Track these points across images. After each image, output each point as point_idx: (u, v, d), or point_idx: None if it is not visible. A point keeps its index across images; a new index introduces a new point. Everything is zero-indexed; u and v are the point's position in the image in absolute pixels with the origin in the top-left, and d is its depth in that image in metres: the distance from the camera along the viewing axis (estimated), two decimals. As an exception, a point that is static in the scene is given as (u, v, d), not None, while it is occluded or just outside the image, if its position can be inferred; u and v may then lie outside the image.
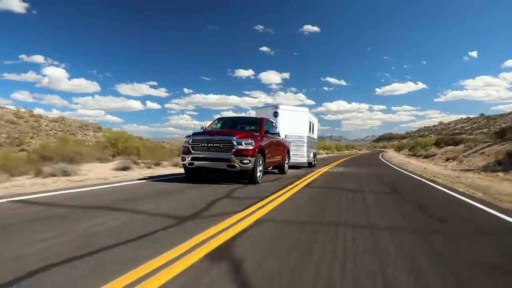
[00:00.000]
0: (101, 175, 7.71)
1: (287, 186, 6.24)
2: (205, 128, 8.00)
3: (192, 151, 6.53)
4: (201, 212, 3.59)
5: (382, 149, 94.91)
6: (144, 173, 8.64)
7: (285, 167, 9.63)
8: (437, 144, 34.48)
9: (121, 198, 4.38)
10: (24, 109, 33.20)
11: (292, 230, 3.04)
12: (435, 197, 5.86)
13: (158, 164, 11.10)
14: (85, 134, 29.05)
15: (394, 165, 17.47)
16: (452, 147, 27.58)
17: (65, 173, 7.32)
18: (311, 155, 13.29)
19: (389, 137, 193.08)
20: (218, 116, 10.37)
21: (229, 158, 6.24)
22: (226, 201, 4.37)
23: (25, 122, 28.28)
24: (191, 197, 4.59)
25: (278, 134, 9.12)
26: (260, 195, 4.89)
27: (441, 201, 5.38)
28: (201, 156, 6.44)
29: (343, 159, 24.03)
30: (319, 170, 11.34)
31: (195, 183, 6.24)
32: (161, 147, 18.24)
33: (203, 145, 6.50)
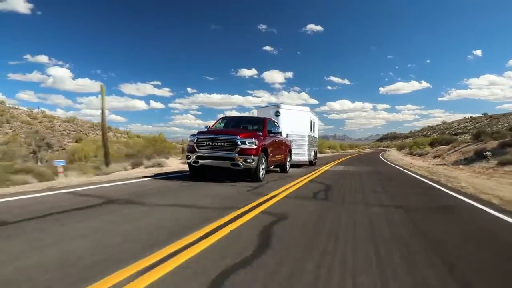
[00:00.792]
0: (179, 166, 11.75)
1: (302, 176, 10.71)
2: (209, 127, 8.25)
3: (197, 150, 6.80)
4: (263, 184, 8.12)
5: (385, 148, 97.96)
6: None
7: (287, 166, 9.84)
8: (432, 144, 38.75)
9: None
10: (37, 110, 34.09)
11: (328, 180, 7.55)
12: (400, 175, 10.36)
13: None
14: (96, 134, 29.15)
15: (389, 161, 21.84)
16: (443, 146, 31.82)
17: (159, 164, 11.56)
18: (312, 153, 13.71)
19: (392, 136, 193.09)
20: (222, 115, 11.11)
21: (233, 157, 6.52)
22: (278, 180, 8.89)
23: (39, 122, 28.77)
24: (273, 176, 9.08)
25: (280, 133, 9.31)
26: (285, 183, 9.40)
27: (402, 176, 9.86)
28: (206, 154, 6.72)
29: (348, 157, 28.45)
30: (326, 163, 15.74)
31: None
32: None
33: (208, 144, 6.77)
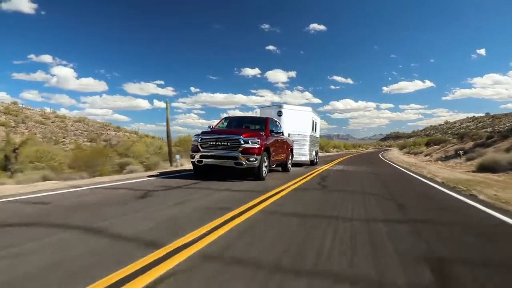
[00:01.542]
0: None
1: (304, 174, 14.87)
2: (212, 127, 8.28)
3: (201, 149, 6.83)
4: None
5: (388, 147, 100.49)
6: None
7: (289, 165, 9.93)
8: (428, 144, 42.64)
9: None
10: (48, 110, 34.73)
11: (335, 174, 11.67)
12: (388, 166, 14.47)
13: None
14: (107, 134, 29.82)
15: (385, 158, 25.82)
16: (436, 146, 35.73)
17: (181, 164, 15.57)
18: (313, 153, 13.97)
19: (396, 136, 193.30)
20: (225, 115, 11.67)
21: (236, 156, 6.56)
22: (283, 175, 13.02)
23: (52, 122, 29.21)
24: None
25: (282, 133, 9.37)
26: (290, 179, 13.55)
27: (388, 167, 13.93)
28: (210, 154, 6.76)
29: (350, 155, 32.44)
30: (332, 160, 19.81)
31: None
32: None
33: (211, 143, 6.82)
